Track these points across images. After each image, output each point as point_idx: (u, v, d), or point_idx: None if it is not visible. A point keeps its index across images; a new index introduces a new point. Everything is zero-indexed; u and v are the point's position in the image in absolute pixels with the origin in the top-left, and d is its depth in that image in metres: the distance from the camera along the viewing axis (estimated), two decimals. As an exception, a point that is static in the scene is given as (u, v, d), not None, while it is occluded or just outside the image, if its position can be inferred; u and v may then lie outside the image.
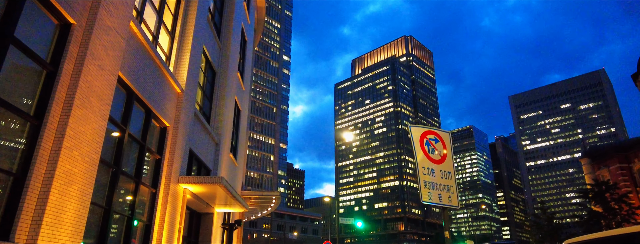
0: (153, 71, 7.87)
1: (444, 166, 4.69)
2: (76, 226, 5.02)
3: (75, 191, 5.02)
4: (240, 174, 16.74)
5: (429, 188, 4.37)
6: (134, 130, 7.34)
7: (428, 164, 4.48)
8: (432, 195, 4.27)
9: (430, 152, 4.57)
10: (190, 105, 9.64)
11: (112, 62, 5.95)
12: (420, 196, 4.30)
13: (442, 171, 4.65)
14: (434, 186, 4.34)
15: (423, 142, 4.42)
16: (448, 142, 4.90)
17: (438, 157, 4.66)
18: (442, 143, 4.75)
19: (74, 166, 5.00)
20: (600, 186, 31.33)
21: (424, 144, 4.44)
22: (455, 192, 4.55)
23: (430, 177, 4.40)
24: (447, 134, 4.87)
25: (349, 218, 27.72)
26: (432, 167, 4.51)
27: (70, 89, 5.07)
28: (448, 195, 4.43)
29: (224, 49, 13.62)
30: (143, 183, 7.64)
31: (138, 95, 7.24)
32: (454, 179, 4.68)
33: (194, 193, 9.66)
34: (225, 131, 13.24)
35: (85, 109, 5.27)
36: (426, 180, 4.44)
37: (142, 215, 7.75)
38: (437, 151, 4.67)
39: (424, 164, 4.48)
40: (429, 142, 4.49)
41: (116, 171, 6.56)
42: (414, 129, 4.50)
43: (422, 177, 4.45)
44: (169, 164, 8.50)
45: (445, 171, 4.63)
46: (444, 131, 4.90)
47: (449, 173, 4.70)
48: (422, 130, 4.55)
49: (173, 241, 8.49)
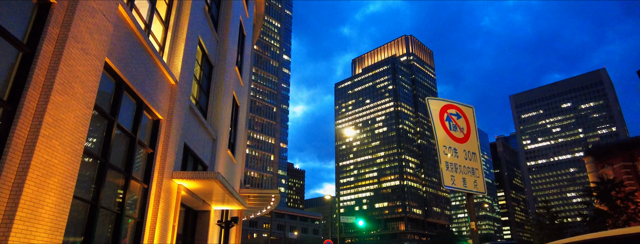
0: (145, 60, 7.48)
1: (467, 146, 4.18)
2: (56, 221, 4.63)
3: (55, 184, 4.62)
4: (238, 171, 16.34)
5: (452, 170, 3.85)
6: (124, 121, 6.95)
7: (450, 143, 3.99)
8: (455, 179, 3.73)
9: (452, 129, 3.98)
10: (184, 97, 9.25)
11: (97, 46, 5.55)
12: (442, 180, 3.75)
13: (465, 152, 4.16)
14: (457, 168, 3.86)
15: (443, 118, 3.89)
16: (471, 118, 4.36)
17: (461, 135, 4.10)
18: (465, 119, 4.22)
19: (53, 157, 4.60)
20: (605, 184, 30.83)
21: (444, 120, 3.90)
22: (481, 176, 4.02)
23: (452, 157, 3.92)
24: (470, 110, 4.29)
25: (350, 217, 27.31)
26: (455, 146, 4.01)
27: (49, 72, 4.67)
28: (473, 179, 3.90)
29: (222, 42, 13.22)
30: (134, 178, 7.24)
31: (128, 84, 6.84)
32: (480, 161, 4.13)
33: (188, 189, 9.26)
34: (223, 127, 12.85)
35: (67, 96, 4.87)
36: (448, 161, 3.95)
37: (133, 212, 7.35)
38: (459, 128, 4.15)
39: (445, 143, 3.97)
40: (450, 117, 3.96)
41: (104, 164, 6.16)
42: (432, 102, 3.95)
43: (443, 157, 3.96)
44: (162, 159, 8.10)
45: (469, 151, 4.16)
46: (467, 106, 4.41)
47: (473, 154, 4.13)
48: (442, 103, 3.96)
49: (166, 239, 8.10)
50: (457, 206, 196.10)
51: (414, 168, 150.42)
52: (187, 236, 10.66)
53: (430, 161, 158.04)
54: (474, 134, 4.32)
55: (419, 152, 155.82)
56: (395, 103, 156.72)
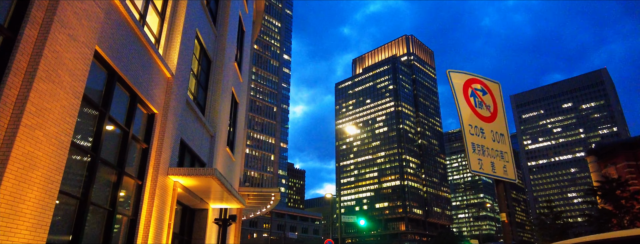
0: (139, 51, 7.17)
1: (495, 126, 3.75)
2: (39, 218, 4.32)
3: (38, 178, 4.32)
4: (237, 169, 16.04)
5: (479, 152, 3.43)
6: (117, 114, 6.65)
7: (476, 122, 3.53)
8: (482, 163, 3.30)
9: (478, 106, 3.55)
10: (181, 91, 8.94)
11: (87, 33, 5.25)
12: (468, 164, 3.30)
13: (493, 132, 3.70)
14: (485, 151, 3.45)
15: (468, 93, 3.54)
16: (498, 95, 3.93)
17: (487, 113, 3.71)
18: (491, 96, 3.81)
19: (36, 148, 4.30)
20: (610, 183, 30.47)
21: (469, 96, 3.55)
22: (511, 161, 3.60)
23: (479, 138, 3.46)
24: (497, 86, 3.89)
25: (352, 216, 26.99)
26: (481, 126, 3.57)
27: (33, 58, 4.37)
28: (502, 164, 3.50)
29: (220, 37, 12.92)
30: (127, 174, 6.94)
31: (121, 75, 6.54)
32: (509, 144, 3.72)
33: (185, 186, 8.96)
34: (222, 123, 12.55)
35: (52, 84, 4.57)
36: (475, 142, 3.48)
37: (126, 209, 7.05)
38: (486, 106, 3.76)
39: (471, 122, 3.50)
40: (475, 93, 3.54)
41: (94, 158, 5.86)
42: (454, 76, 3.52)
43: (469, 138, 3.47)
44: (157, 154, 7.79)
45: (497, 132, 3.73)
46: (493, 81, 4.00)
47: (501, 136, 3.74)
48: (466, 77, 3.51)
49: (162, 237, 7.79)
50: (458, 206, 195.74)
51: (415, 168, 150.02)
52: (184, 235, 10.35)
53: (430, 161, 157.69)
54: (501, 113, 3.85)
55: (419, 152, 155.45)
56: (395, 103, 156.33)
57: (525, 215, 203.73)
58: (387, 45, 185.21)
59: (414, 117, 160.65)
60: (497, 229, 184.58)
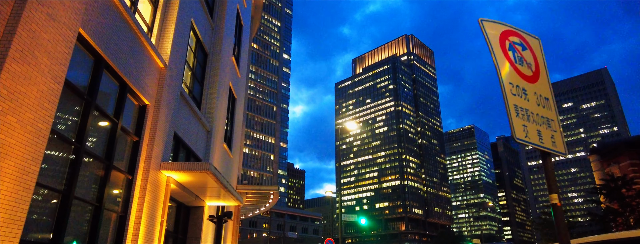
0: (129, 39, 6.79)
1: (538, 88, 3.14)
2: (12, 212, 3.93)
3: (10, 168, 3.93)
4: (235, 167, 15.65)
5: (523, 117, 2.87)
6: (104, 104, 6.26)
7: (517, 81, 2.96)
8: (528, 130, 2.81)
9: (518, 62, 3.07)
10: (175, 82, 8.55)
11: (69, 14, 4.86)
12: (512, 130, 2.77)
13: (537, 95, 3.12)
14: (530, 116, 2.90)
15: (505, 46, 3.00)
16: (539, 53, 3.38)
17: (529, 72, 3.14)
18: (532, 53, 3.19)
19: (8, 136, 3.91)
20: (615, 181, 30.11)
21: (507, 49, 3.00)
22: (559, 130, 2.94)
23: (522, 100, 2.91)
24: (537, 42, 3.38)
25: (353, 215, 26.59)
26: (523, 86, 3.00)
27: (5, 37, 3.98)
28: (550, 134, 2.97)
29: (218, 30, 12.53)
30: (116, 168, 6.55)
31: (109, 63, 6.15)
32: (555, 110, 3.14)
33: (179, 182, 8.56)
34: (218, 118, 12.15)
35: (28, 65, 4.18)
36: (517, 104, 2.91)
37: (115, 205, 6.66)
38: (526, 63, 3.17)
39: (512, 80, 2.93)
40: (514, 47, 3.09)
41: (79, 150, 5.46)
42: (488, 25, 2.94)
43: (511, 99, 2.87)
44: (149, 148, 7.40)
45: (541, 95, 3.14)
46: (532, 36, 3.37)
47: (546, 100, 3.15)
48: (502, 28, 3.06)
49: (154, 235, 7.40)
50: (458, 206, 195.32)
51: (415, 168, 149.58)
52: (178, 234, 9.96)
53: (430, 161, 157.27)
54: (544, 74, 3.24)
55: (419, 152, 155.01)
56: (395, 103, 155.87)
57: (525, 215, 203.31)
58: (387, 44, 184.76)
59: (414, 117, 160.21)
60: (497, 229, 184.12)
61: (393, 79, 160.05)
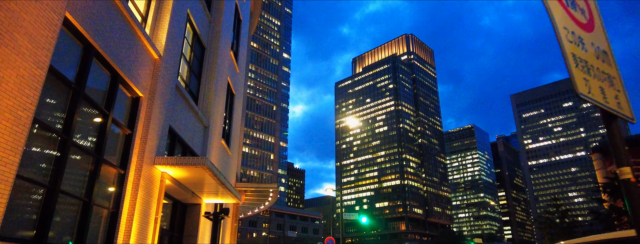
0: (122, 28, 6.48)
1: (595, 38, 2.66)
2: (-13, 205, 3.63)
3: (-14, 157, 3.63)
4: (234, 164, 15.34)
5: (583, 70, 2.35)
6: (94, 94, 5.95)
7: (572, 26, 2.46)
8: (590, 85, 2.32)
9: (571, 7, 2.58)
10: (170, 74, 8.24)
11: (53, -5, 4.55)
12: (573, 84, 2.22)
13: (595, 47, 2.61)
14: (589, 69, 2.40)
15: None
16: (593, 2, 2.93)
17: (583, 19, 2.64)
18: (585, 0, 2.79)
19: (-17, 122, 3.61)
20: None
21: None
22: (622, 90, 2.60)
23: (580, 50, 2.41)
24: None
25: (353, 214, 26.29)
26: (579, 33, 2.50)
27: (-20, 16, 3.68)
28: (614, 94, 2.50)
29: (215, 23, 12.22)
30: (107, 161, 6.24)
31: (99, 51, 5.85)
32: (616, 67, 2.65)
33: (175, 178, 8.26)
34: (216, 114, 11.85)
35: (6, 48, 3.88)
36: (576, 54, 2.37)
37: (106, 200, 6.35)
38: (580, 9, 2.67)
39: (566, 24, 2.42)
40: None
41: (66, 142, 5.16)
42: None
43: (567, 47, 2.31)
44: (142, 142, 7.10)
45: (599, 47, 2.64)
46: None
47: (605, 54, 2.66)
48: None
49: (147, 233, 7.10)
50: (458, 205, 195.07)
51: (415, 168, 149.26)
52: (174, 232, 9.65)
53: (430, 161, 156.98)
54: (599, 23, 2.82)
55: (419, 151, 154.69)
56: (395, 102, 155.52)
57: (526, 215, 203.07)
58: (387, 44, 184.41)
59: (414, 116, 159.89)
60: (497, 228, 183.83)
61: (393, 79, 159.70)
